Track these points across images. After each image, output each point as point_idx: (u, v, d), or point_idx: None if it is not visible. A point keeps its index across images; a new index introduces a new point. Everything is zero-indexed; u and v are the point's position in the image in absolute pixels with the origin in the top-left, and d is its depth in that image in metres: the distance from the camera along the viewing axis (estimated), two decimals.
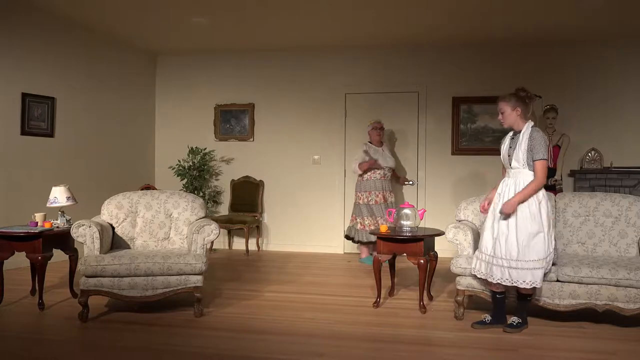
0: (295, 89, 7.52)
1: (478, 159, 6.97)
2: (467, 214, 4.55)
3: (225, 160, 7.74)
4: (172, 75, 7.92)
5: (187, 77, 7.86)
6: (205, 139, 7.71)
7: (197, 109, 7.82)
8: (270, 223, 7.60)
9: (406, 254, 4.29)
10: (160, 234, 4.56)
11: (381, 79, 7.17)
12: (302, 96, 7.50)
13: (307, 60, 7.47)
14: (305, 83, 7.48)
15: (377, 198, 6.29)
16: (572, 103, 6.70)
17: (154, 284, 3.99)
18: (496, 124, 6.92)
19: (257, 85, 7.64)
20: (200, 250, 4.15)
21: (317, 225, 7.37)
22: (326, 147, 7.39)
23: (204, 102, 7.79)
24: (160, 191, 4.79)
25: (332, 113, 7.37)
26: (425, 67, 7.11)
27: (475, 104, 6.98)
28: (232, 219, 7.15)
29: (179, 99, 7.89)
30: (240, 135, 7.71)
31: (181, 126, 7.86)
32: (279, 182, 7.56)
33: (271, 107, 7.61)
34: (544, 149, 3.59)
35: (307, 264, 6.47)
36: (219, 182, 7.75)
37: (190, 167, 7.36)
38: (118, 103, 7.26)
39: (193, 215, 4.59)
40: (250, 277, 5.57)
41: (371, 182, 6.34)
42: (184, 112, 7.88)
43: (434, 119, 7.10)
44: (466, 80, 7.01)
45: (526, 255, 3.58)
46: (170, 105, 7.93)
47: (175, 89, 7.91)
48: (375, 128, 6.44)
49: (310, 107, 7.46)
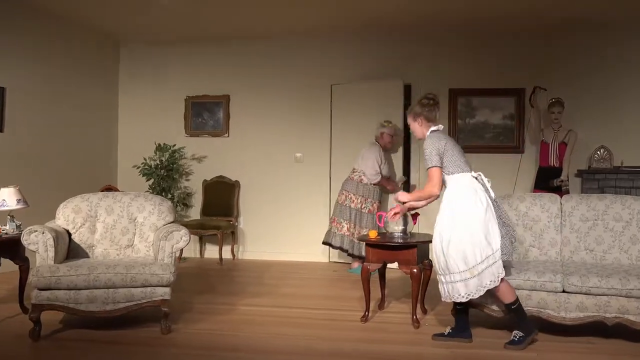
0: (275, 80, 7.50)
1: (477, 157, 6.99)
2: None
3: (196, 158, 7.70)
4: (137, 63, 7.86)
5: (154, 65, 7.81)
6: (174, 135, 7.66)
7: (165, 101, 7.77)
8: (246, 228, 7.58)
9: (398, 262, 4.29)
10: (123, 241, 4.53)
11: (371, 69, 7.19)
12: (283, 87, 7.48)
13: (288, 48, 7.46)
14: (287, 73, 7.47)
15: (371, 207, 6.31)
16: (579, 96, 6.78)
17: (116, 298, 3.95)
18: (497, 118, 6.97)
19: (233, 75, 7.61)
20: (168, 259, 4.12)
21: (299, 231, 7.36)
22: (310, 144, 7.39)
23: (173, 93, 7.74)
24: (124, 193, 4.74)
25: (316, 106, 7.37)
26: (419, 56, 7.15)
27: (474, 96, 7.03)
28: (204, 224, 7.11)
29: (145, 90, 7.83)
30: (214, 130, 7.68)
31: (147, 120, 7.80)
32: (256, 183, 7.54)
33: (248, 100, 7.58)
34: (433, 155, 3.79)
35: (288, 273, 6.45)
36: (190, 182, 7.71)
37: (158, 166, 7.31)
38: (76, 95, 7.18)
39: (160, 220, 4.56)
40: (224, 289, 5.54)
41: (371, 187, 6.33)
42: (150, 104, 7.82)
43: None
44: (464, 71, 7.05)
45: (453, 267, 3.69)
46: (135, 97, 7.87)
47: (140, 79, 7.85)
48: (391, 135, 6.44)
49: (292, 100, 7.45)
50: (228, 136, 7.65)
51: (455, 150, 3.84)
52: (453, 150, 3.83)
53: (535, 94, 6.51)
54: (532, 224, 4.48)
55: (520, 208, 4.53)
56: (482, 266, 3.65)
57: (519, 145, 6.91)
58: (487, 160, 6.95)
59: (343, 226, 6.30)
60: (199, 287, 5.66)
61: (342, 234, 6.30)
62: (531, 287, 3.89)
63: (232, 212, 7.48)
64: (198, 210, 7.59)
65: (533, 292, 3.90)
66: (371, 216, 6.25)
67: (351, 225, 6.28)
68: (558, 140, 6.27)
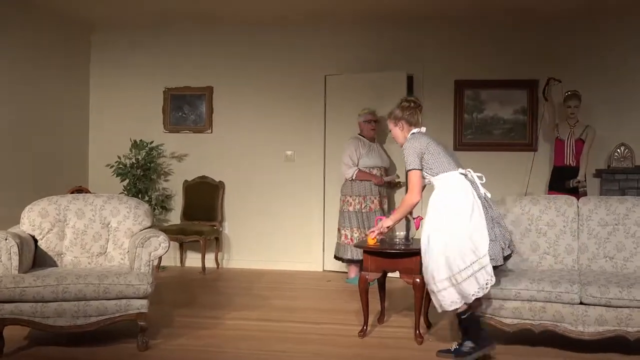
0: (263, 70, 7.48)
1: (486, 155, 7.02)
2: None
3: (176, 156, 7.67)
4: (110, 52, 7.82)
5: (130, 54, 7.77)
6: (151, 131, 7.63)
7: (141, 93, 7.74)
8: (232, 234, 7.56)
9: (399, 271, 4.29)
10: (95, 248, 4.50)
11: (369, 59, 7.18)
12: (272, 79, 7.46)
13: (278, 35, 7.45)
14: (277, 63, 7.45)
15: (372, 204, 6.31)
16: (598, 89, 6.80)
17: (87, 311, 3.93)
18: (508, 113, 6.99)
19: (217, 65, 7.59)
20: (145, 268, 4.10)
21: (290, 237, 7.35)
22: (302, 141, 7.38)
23: (150, 85, 7.71)
24: (96, 195, 4.72)
25: (309, 99, 7.35)
26: (422, 44, 7.15)
27: (482, 88, 7.04)
28: (185, 229, 7.09)
29: (120, 82, 7.79)
30: (196, 126, 7.66)
31: (122, 115, 7.76)
32: (243, 184, 7.52)
33: (234, 92, 7.56)
34: (412, 156, 3.91)
35: (278, 284, 6.44)
36: (169, 183, 7.68)
37: (133, 165, 7.28)
38: (42, 87, 7.12)
39: (136, 225, 4.54)
40: (208, 301, 5.52)
41: (366, 184, 6.34)
42: (125, 97, 7.78)
43: (433, 106, 7.12)
44: (472, 61, 7.06)
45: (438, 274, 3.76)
46: (108, 89, 7.83)
47: (114, 69, 7.81)
48: (369, 120, 6.46)
49: (283, 92, 7.44)
50: (211, 132, 7.63)
51: (438, 148, 3.93)
52: (436, 148, 3.92)
53: (550, 86, 6.52)
54: (546, 229, 4.49)
55: (533, 211, 4.54)
56: (466, 273, 3.70)
57: (532, 143, 6.92)
58: (496, 159, 6.96)
59: (347, 234, 6.31)
60: (180, 299, 5.64)
61: (347, 243, 6.29)
62: (545, 298, 3.90)
63: (215, 216, 7.46)
64: (178, 214, 7.56)
65: (547, 304, 3.91)
66: (374, 215, 6.24)
67: (355, 230, 6.28)
68: (574, 137, 6.29)
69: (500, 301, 3.99)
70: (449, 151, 4.01)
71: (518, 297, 3.95)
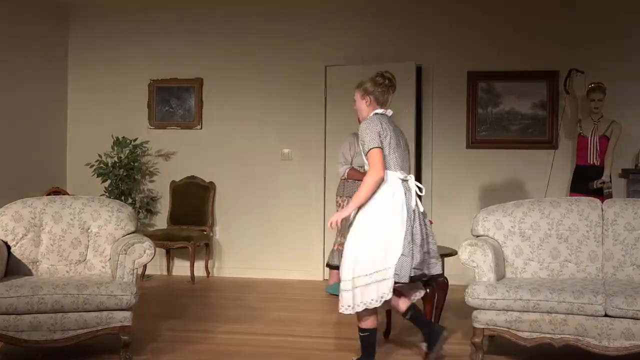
0: (258, 60, 7.49)
1: (501, 153, 7.03)
2: (488, 227, 4.58)
3: (163, 154, 7.68)
4: (90, 40, 7.82)
5: (111, 43, 7.77)
6: (136, 127, 7.63)
7: (125, 86, 7.74)
8: (224, 240, 7.56)
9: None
10: (73, 255, 4.51)
11: (374, 48, 7.19)
12: (267, 70, 7.47)
13: (275, 22, 7.46)
14: (273, 52, 7.46)
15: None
16: (624, 81, 6.80)
17: (65, 324, 3.93)
18: (525, 107, 6.99)
19: (207, 54, 7.60)
20: (129, 277, 4.11)
21: (287, 243, 7.35)
22: (300, 137, 7.38)
23: (134, 76, 7.72)
24: (74, 197, 4.72)
25: (308, 92, 7.36)
26: (432, 32, 7.16)
27: (498, 80, 7.04)
28: (172, 234, 7.10)
29: (100, 73, 7.80)
30: (184, 121, 7.66)
31: (103, 109, 7.77)
32: (236, 185, 7.53)
33: (226, 84, 7.57)
34: (373, 135, 3.83)
35: (274, 294, 6.45)
36: (155, 184, 7.69)
37: (116, 165, 7.28)
38: (16, 78, 7.13)
39: (119, 230, 4.55)
40: (197, 313, 5.53)
41: (358, 184, 6.32)
42: (107, 90, 7.79)
43: (443, 100, 7.14)
44: (486, 50, 7.06)
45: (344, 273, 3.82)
46: (88, 82, 7.84)
47: (95, 59, 7.81)
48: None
49: (279, 84, 7.44)
50: (201, 128, 7.63)
51: (393, 141, 3.91)
52: (392, 140, 3.90)
53: (572, 78, 6.52)
54: (567, 234, 4.50)
55: (554, 215, 4.54)
56: (366, 280, 3.74)
57: (552, 140, 6.93)
58: (513, 158, 6.97)
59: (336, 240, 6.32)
60: (167, 310, 5.64)
61: (337, 248, 6.28)
62: (567, 310, 3.90)
63: (206, 220, 7.47)
64: (165, 217, 7.57)
65: (569, 317, 3.91)
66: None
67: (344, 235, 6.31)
68: (599, 134, 6.29)
69: (517, 313, 4.00)
70: (402, 148, 3.99)
71: (537, 309, 3.95)
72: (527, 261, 4.52)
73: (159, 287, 6.81)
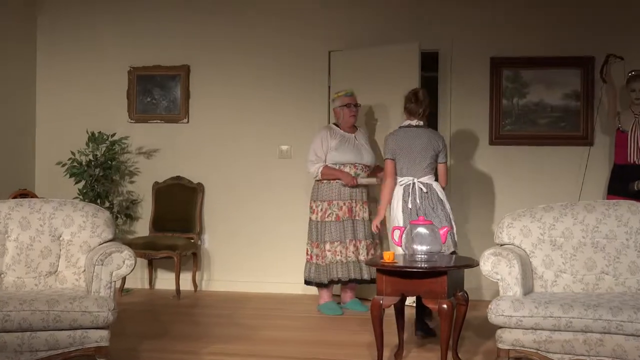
0: (253, 45, 7.49)
1: (529, 150, 7.02)
2: (514, 235, 4.57)
3: (144, 152, 7.68)
4: (62, 23, 7.83)
5: (86, 24, 7.77)
6: (113, 120, 7.63)
7: (101, 74, 7.74)
8: (213, 249, 7.56)
9: (422, 295, 4.28)
10: (43, 266, 4.50)
11: (383, 31, 7.18)
12: (263, 56, 7.47)
13: (273, 3, 7.46)
14: (269, 36, 7.46)
15: (339, 211, 6.27)
16: None
17: (34, 344, 3.92)
18: (555, 98, 6.98)
19: (195, 39, 7.60)
20: (106, 291, 4.11)
21: (286, 253, 7.34)
22: (301, 132, 7.37)
23: (112, 63, 7.72)
24: (44, 200, 4.72)
25: (309, 81, 7.36)
26: (450, 13, 7.16)
27: (524, 68, 7.03)
28: (155, 242, 7.10)
29: (73, 60, 7.80)
30: (168, 114, 7.66)
31: (76, 101, 7.77)
32: (227, 187, 7.53)
33: (216, 72, 7.57)
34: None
35: (270, 311, 6.45)
36: (135, 185, 7.69)
37: (91, 163, 7.28)
38: None
39: (95, 238, 4.55)
40: (183, 332, 5.53)
41: (333, 185, 6.32)
42: (81, 79, 7.78)
43: (463, 90, 7.13)
44: (512, 33, 7.06)
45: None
46: (59, 69, 7.84)
47: (67, 45, 7.81)
48: (347, 104, 6.42)
49: (277, 72, 7.44)
50: (187, 122, 7.63)
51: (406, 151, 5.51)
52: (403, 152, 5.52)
53: (609, 65, 6.51)
54: (604, 242, 4.49)
55: (588, 220, 4.54)
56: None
57: (587, 135, 6.92)
58: (542, 156, 6.96)
59: (307, 249, 6.47)
60: (149, 329, 5.64)
61: (308, 260, 6.43)
62: (604, 329, 3.89)
63: (193, 226, 7.47)
64: (147, 223, 7.57)
65: (606, 336, 3.91)
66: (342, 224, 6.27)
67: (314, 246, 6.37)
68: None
69: (548, 332, 3.99)
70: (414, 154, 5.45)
71: (569, 328, 3.94)
72: (559, 273, 4.51)
73: (139, 303, 6.80)
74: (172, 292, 7.15)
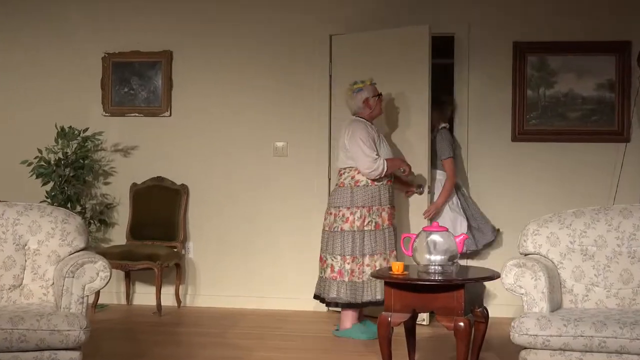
0: (245, 28, 7.49)
1: (557, 147, 7.02)
2: (540, 243, 4.57)
3: (121, 149, 7.68)
4: (26, 2, 7.82)
5: (54, 4, 7.77)
6: (86, 114, 7.63)
7: (72, 61, 7.74)
8: (199, 259, 7.56)
9: (435, 311, 4.29)
10: (6, 278, 4.50)
11: (391, 12, 7.19)
12: (256, 40, 7.47)
13: None
14: (263, 18, 7.46)
15: (378, 219, 6.19)
16: None
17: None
18: (587, 89, 6.97)
19: (178, 21, 7.60)
20: (77, 308, 4.11)
21: (282, 263, 7.35)
22: (298, 127, 7.38)
23: (84, 49, 7.71)
24: (7, 204, 4.71)
25: (308, 69, 7.37)
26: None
27: (552, 54, 7.03)
28: (133, 252, 7.09)
29: (40, 45, 7.79)
30: (148, 106, 7.66)
31: (44, 91, 7.76)
32: (215, 189, 7.53)
33: (202, 59, 7.57)
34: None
35: (264, 330, 6.45)
36: (111, 187, 7.69)
37: (60, 162, 7.29)
38: None
39: (65, 247, 4.54)
40: (164, 354, 5.53)
41: (373, 189, 6.28)
42: (49, 66, 7.78)
43: (482, 79, 7.13)
44: (538, 16, 7.07)
45: None
46: (23, 55, 7.82)
47: (31, 27, 7.80)
48: (379, 94, 6.38)
49: (272, 59, 7.44)
50: (170, 115, 7.63)
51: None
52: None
53: None
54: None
55: (625, 227, 4.54)
56: None
57: (622, 130, 6.93)
58: (572, 153, 6.96)
59: (334, 265, 6.18)
60: (125, 350, 5.64)
61: (335, 278, 6.17)
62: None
63: (176, 233, 7.48)
64: (123, 230, 7.57)
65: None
66: (382, 234, 6.18)
67: (348, 260, 6.17)
68: None
69: (578, 354, 3.99)
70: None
71: (603, 348, 3.94)
72: (591, 287, 4.51)
73: (115, 320, 6.80)
74: (152, 308, 7.15)
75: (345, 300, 6.11)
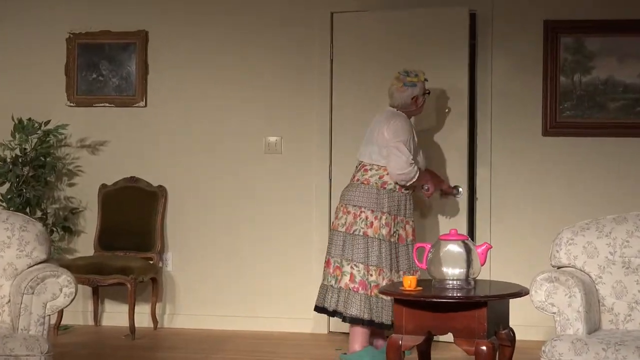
0: (232, 6, 7.51)
1: (595, 142, 7.03)
2: (575, 254, 4.58)
3: (88, 145, 7.69)
4: None
5: None
6: (48, 103, 7.65)
7: (32, 42, 7.76)
8: (179, 273, 7.58)
9: (454, 333, 4.29)
10: None
11: None
12: (245, 18, 7.49)
13: None
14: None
15: (402, 232, 6.17)
16: None
17: None
18: (631, 75, 6.98)
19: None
20: (38, 329, 4.12)
21: (274, 278, 7.36)
22: (294, 120, 7.40)
23: (46, 28, 7.73)
24: None
25: (305, 52, 7.39)
26: None
27: (589, 34, 7.04)
28: (102, 264, 7.10)
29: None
30: (120, 95, 7.68)
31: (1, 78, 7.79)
32: (197, 191, 7.54)
33: (182, 40, 7.59)
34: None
35: (254, 353, 6.47)
36: (76, 189, 7.70)
37: (18, 160, 7.30)
38: None
39: (23, 258, 4.56)
40: None
41: (400, 196, 6.24)
42: (4, 49, 7.80)
43: (508, 63, 7.14)
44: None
45: None
46: None
47: None
48: (428, 92, 6.40)
49: (264, 41, 7.46)
50: (145, 105, 7.65)
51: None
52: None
53: None
54: None
55: None
56: None
57: None
58: (611, 149, 6.97)
59: (354, 274, 6.16)
60: None
61: (357, 290, 6.15)
62: None
63: (152, 242, 7.49)
64: (91, 239, 7.59)
65: None
66: (406, 249, 6.18)
67: (373, 271, 6.16)
68: None
69: None
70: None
71: None
72: (634, 305, 4.51)
73: (82, 344, 6.82)
74: (124, 330, 7.15)
75: (368, 318, 6.02)
